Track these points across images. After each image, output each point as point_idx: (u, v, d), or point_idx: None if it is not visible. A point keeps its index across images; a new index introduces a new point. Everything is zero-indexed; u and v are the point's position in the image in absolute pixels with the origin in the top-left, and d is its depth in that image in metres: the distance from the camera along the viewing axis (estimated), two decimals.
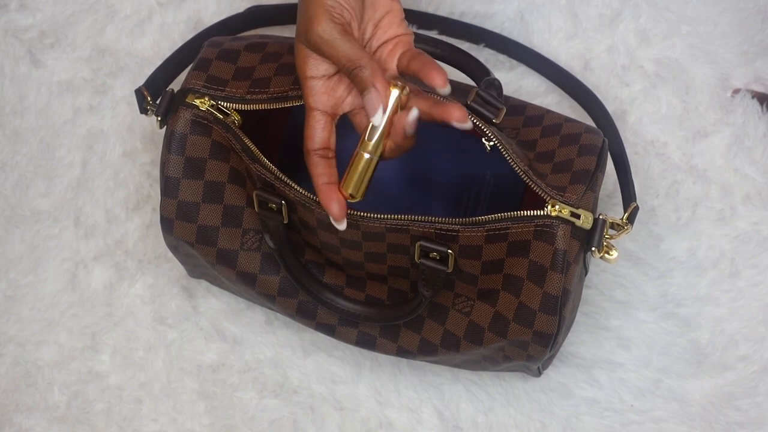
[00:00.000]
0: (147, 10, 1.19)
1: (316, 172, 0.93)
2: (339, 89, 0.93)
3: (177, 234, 1.03)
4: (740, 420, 1.07)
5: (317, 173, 0.93)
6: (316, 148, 0.93)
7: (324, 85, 0.93)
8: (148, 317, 1.12)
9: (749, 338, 1.09)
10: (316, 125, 0.93)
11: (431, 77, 0.90)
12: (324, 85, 0.93)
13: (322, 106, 0.93)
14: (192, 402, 1.09)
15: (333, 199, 0.93)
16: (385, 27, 0.94)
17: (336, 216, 0.93)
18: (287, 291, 1.04)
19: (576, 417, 1.07)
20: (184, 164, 1.01)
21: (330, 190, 0.93)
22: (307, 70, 0.92)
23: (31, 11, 1.19)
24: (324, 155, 0.93)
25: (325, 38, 0.90)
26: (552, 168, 0.98)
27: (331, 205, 0.93)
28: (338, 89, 0.93)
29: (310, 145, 0.93)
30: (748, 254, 1.11)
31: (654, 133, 1.14)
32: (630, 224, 0.98)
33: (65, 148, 1.16)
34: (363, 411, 1.09)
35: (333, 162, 0.93)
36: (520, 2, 1.17)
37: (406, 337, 1.03)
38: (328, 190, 0.93)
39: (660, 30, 1.16)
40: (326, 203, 0.93)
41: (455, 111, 0.91)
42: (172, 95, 1.02)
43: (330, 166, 0.93)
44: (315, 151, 0.93)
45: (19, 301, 1.13)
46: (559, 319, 0.97)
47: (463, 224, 0.96)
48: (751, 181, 1.12)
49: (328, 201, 0.93)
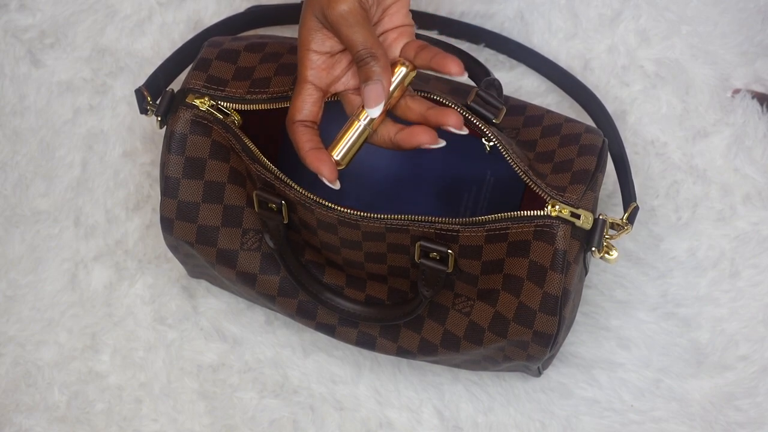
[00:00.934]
0: (147, 10, 1.19)
1: (301, 139, 0.92)
2: (337, 68, 0.93)
3: (177, 234, 1.03)
4: (740, 420, 1.07)
5: (303, 140, 0.92)
6: (302, 119, 0.92)
7: (325, 61, 0.92)
8: (148, 317, 1.12)
9: (749, 338, 1.09)
10: (307, 98, 0.92)
11: (446, 66, 0.90)
12: (325, 62, 0.92)
13: (317, 80, 0.92)
14: (192, 402, 1.09)
15: (322, 161, 0.91)
16: (392, 15, 0.94)
17: (329, 177, 0.91)
18: (287, 291, 1.04)
19: (576, 417, 1.07)
20: (184, 164, 1.01)
21: (318, 153, 0.92)
22: (312, 43, 0.92)
23: (31, 11, 1.19)
24: (308, 125, 0.92)
25: (347, 19, 0.89)
26: (552, 168, 0.98)
27: (321, 167, 0.91)
28: (337, 68, 0.93)
29: (297, 116, 0.92)
30: (748, 254, 1.11)
31: (654, 133, 1.14)
32: (630, 224, 0.98)
33: (65, 148, 1.16)
34: (363, 411, 1.09)
35: (317, 131, 0.93)
36: (520, 2, 1.17)
37: (406, 337, 1.03)
38: (315, 154, 0.92)
39: (660, 30, 1.16)
40: (316, 166, 0.91)
41: (452, 117, 0.91)
42: (172, 95, 1.02)
43: (314, 134, 0.92)
44: (300, 122, 0.92)
45: (19, 301, 1.13)
46: (559, 319, 0.97)
47: (463, 224, 0.96)
48: (751, 181, 1.12)
49: (318, 163, 0.91)
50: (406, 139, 0.91)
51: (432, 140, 0.91)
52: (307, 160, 0.92)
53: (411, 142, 0.91)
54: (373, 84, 0.89)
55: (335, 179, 0.92)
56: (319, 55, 0.92)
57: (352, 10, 0.89)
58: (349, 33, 0.89)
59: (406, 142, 0.92)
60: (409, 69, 0.92)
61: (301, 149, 0.92)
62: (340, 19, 0.89)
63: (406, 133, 0.91)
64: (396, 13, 0.94)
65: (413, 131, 0.91)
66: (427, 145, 0.91)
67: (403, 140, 0.92)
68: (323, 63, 0.92)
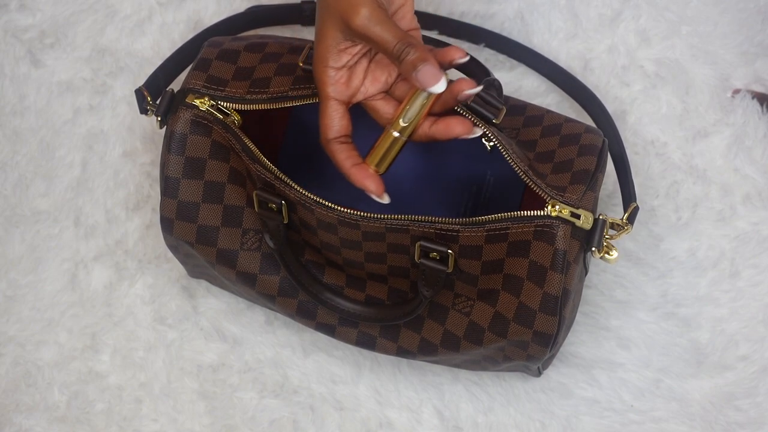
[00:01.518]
0: (147, 10, 1.19)
1: (340, 158, 0.94)
2: (355, 80, 0.94)
3: (177, 234, 1.03)
4: (740, 420, 1.07)
5: (342, 158, 0.94)
6: (335, 136, 0.94)
7: (343, 75, 0.94)
8: (148, 317, 1.12)
9: (749, 338, 1.09)
10: (334, 114, 0.94)
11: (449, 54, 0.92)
12: (343, 76, 0.94)
13: (339, 95, 0.94)
14: (192, 402, 1.09)
15: (366, 177, 0.94)
16: (399, 19, 0.95)
17: (376, 191, 0.94)
18: (287, 291, 1.04)
19: (576, 417, 1.07)
20: (184, 164, 1.01)
21: (360, 169, 0.94)
22: (330, 60, 0.93)
23: (31, 11, 1.19)
24: (344, 142, 0.94)
25: (373, 20, 0.90)
26: (552, 168, 0.98)
27: (366, 183, 0.94)
28: (354, 80, 0.94)
29: (330, 134, 0.94)
30: (748, 254, 1.11)
31: (654, 133, 1.14)
32: (630, 224, 0.98)
33: (65, 148, 1.16)
34: (363, 411, 1.09)
35: (353, 146, 0.94)
36: (520, 2, 1.17)
37: (406, 337, 1.03)
38: (358, 171, 0.94)
39: (660, 30, 1.16)
40: (361, 182, 0.93)
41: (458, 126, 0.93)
42: (172, 95, 1.02)
43: (351, 149, 0.94)
44: (335, 140, 0.94)
45: (19, 301, 1.13)
46: (559, 319, 0.97)
47: (463, 224, 0.96)
48: (751, 182, 1.12)
49: (362, 180, 0.94)
50: (442, 131, 0.93)
51: (468, 130, 0.93)
52: (352, 178, 0.94)
53: (447, 134, 0.93)
54: (422, 67, 0.90)
55: (382, 192, 0.94)
56: (336, 71, 0.93)
57: (373, 11, 0.90)
58: (378, 32, 0.90)
59: (442, 134, 0.94)
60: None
61: (342, 167, 0.94)
62: (366, 22, 0.90)
63: (442, 126, 0.93)
64: (403, 18, 0.95)
65: (449, 123, 0.93)
66: (464, 136, 0.93)
67: (439, 132, 0.94)
68: (341, 77, 0.94)
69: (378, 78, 0.95)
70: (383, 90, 0.95)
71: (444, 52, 0.92)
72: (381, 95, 0.95)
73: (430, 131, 0.94)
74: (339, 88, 0.94)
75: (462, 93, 0.92)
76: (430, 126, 0.94)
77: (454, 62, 0.92)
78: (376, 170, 0.94)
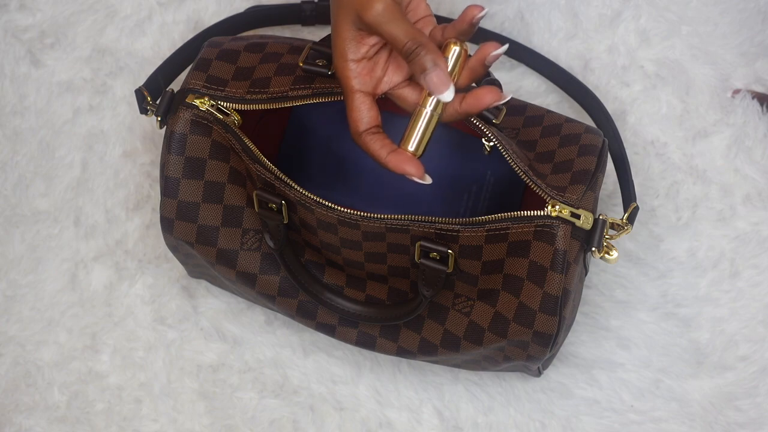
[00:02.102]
0: (147, 10, 1.19)
1: (375, 148, 0.92)
2: (377, 70, 0.93)
3: (177, 234, 1.03)
4: (740, 420, 1.07)
5: (377, 148, 0.92)
6: (366, 128, 0.92)
7: (364, 66, 0.92)
8: (148, 317, 1.12)
9: (749, 338, 1.09)
10: (361, 106, 0.92)
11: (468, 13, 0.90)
12: (364, 67, 0.92)
13: (364, 87, 0.92)
14: (192, 402, 1.09)
15: (404, 162, 0.91)
16: (414, 8, 0.94)
17: (417, 174, 0.91)
18: (287, 291, 1.04)
19: (576, 417, 1.07)
20: (184, 164, 1.01)
21: (396, 156, 0.91)
22: (349, 53, 0.92)
23: (31, 11, 1.19)
24: (375, 132, 0.92)
25: (386, 16, 0.89)
26: (552, 168, 0.98)
27: (405, 167, 0.91)
28: (377, 70, 0.93)
29: (360, 127, 0.92)
30: (748, 254, 1.11)
31: (654, 133, 1.14)
32: (630, 224, 0.98)
33: (65, 148, 1.16)
34: (363, 411, 1.09)
35: (385, 135, 0.93)
36: (520, 2, 1.17)
37: (406, 337, 1.03)
38: (395, 158, 0.91)
39: (660, 30, 1.16)
40: (400, 168, 0.91)
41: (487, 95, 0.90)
42: (172, 95, 1.02)
43: (384, 138, 0.92)
44: (366, 132, 0.92)
45: (19, 301, 1.13)
46: (559, 320, 0.97)
47: (464, 224, 0.96)
48: (751, 182, 1.12)
49: (402, 165, 0.91)
50: (474, 104, 0.91)
51: (498, 97, 0.91)
52: (390, 166, 0.92)
53: (479, 106, 0.91)
54: (432, 71, 0.89)
55: (423, 174, 0.91)
56: (357, 63, 0.92)
57: (387, 6, 0.89)
58: (390, 29, 0.89)
59: (474, 107, 0.91)
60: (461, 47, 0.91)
61: (378, 158, 0.92)
62: (379, 18, 0.89)
63: (473, 99, 0.91)
64: (417, 6, 0.94)
65: (479, 95, 0.90)
66: (496, 103, 0.90)
67: (471, 106, 0.91)
68: (363, 69, 0.92)
69: (401, 65, 0.93)
70: (407, 77, 0.94)
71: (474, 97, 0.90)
72: (406, 82, 0.93)
73: (461, 108, 0.91)
74: (362, 80, 0.92)
75: (489, 56, 0.90)
76: (460, 102, 0.91)
77: (475, 18, 0.90)
78: (414, 154, 0.92)
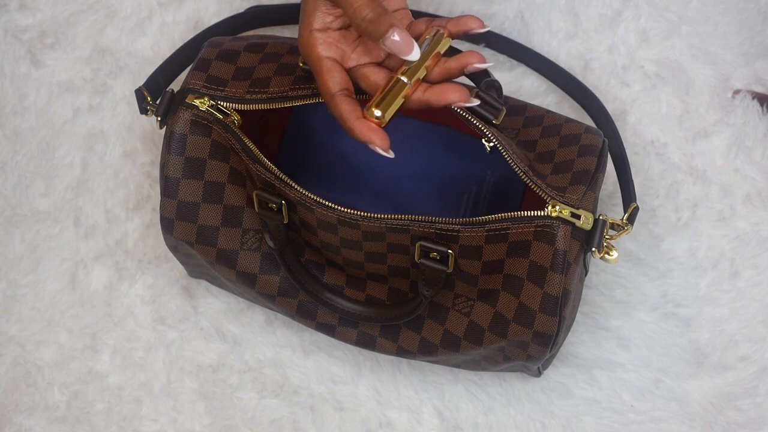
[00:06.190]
0: (147, 10, 1.19)
1: (345, 110, 0.90)
2: (344, 45, 0.93)
3: (177, 234, 1.03)
4: (740, 420, 1.07)
5: (347, 110, 0.90)
6: (338, 90, 0.91)
7: (330, 36, 0.92)
8: (148, 317, 1.12)
9: (749, 338, 1.09)
10: (332, 68, 0.91)
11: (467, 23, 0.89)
12: (330, 36, 0.92)
13: (331, 53, 0.92)
14: (192, 402, 1.09)
15: (372, 131, 0.89)
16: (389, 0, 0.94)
17: (381, 145, 0.89)
18: (287, 291, 1.04)
19: (576, 417, 1.07)
20: (184, 164, 1.01)
21: (364, 123, 0.90)
22: (314, 22, 0.91)
23: (31, 11, 1.19)
24: (348, 95, 0.91)
25: None
26: (552, 168, 0.98)
27: (372, 136, 0.89)
28: (344, 44, 0.93)
29: (332, 88, 0.91)
30: (748, 254, 1.11)
31: (654, 133, 1.14)
32: (630, 225, 0.98)
33: (65, 148, 1.16)
34: (363, 411, 1.09)
35: (356, 100, 0.91)
36: (520, 2, 1.17)
37: (406, 337, 1.03)
38: (362, 124, 0.90)
39: (660, 30, 1.16)
40: (367, 136, 0.90)
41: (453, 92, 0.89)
42: (172, 95, 1.02)
43: (355, 102, 0.91)
44: (338, 93, 0.91)
45: (19, 301, 1.13)
46: (559, 320, 0.97)
47: (464, 224, 0.96)
48: (751, 182, 1.12)
49: (369, 132, 0.89)
50: (437, 96, 0.90)
51: (464, 98, 0.89)
52: (356, 131, 0.90)
53: (441, 100, 0.90)
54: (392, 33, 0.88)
55: (388, 147, 0.90)
56: (322, 33, 0.92)
57: None
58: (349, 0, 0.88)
59: (436, 99, 0.90)
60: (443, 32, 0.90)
61: (346, 120, 0.90)
62: None
63: (437, 90, 0.90)
64: None
65: (444, 89, 0.89)
66: (459, 103, 0.89)
67: (433, 97, 0.90)
68: (329, 37, 0.92)
69: (370, 50, 0.93)
70: (375, 62, 0.93)
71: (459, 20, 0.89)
72: (372, 64, 0.93)
73: (424, 96, 0.90)
74: (328, 47, 0.91)
75: (470, 65, 0.90)
76: (424, 91, 0.90)
77: (472, 31, 0.89)
78: (379, 121, 0.90)
